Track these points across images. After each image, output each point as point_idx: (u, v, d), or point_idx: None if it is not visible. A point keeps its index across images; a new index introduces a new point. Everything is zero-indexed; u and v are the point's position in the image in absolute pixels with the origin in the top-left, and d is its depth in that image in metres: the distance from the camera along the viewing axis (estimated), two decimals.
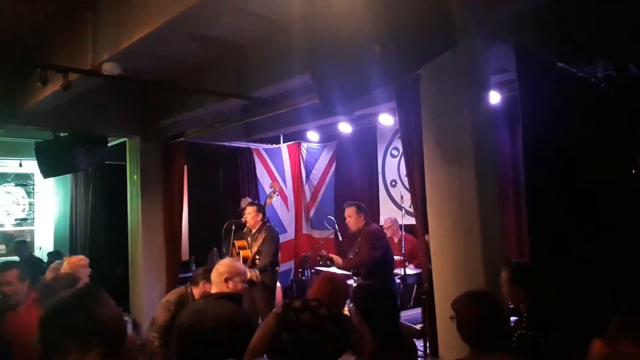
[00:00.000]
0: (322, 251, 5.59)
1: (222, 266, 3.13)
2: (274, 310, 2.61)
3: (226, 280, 3.03)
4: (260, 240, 5.60)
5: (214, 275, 3.10)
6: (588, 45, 4.05)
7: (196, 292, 4.03)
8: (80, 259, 4.24)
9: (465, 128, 3.11)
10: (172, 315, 3.84)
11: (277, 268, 5.95)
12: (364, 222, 5.19)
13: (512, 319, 2.89)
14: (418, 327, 3.87)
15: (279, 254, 6.06)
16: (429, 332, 3.63)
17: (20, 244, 7.25)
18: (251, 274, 5.16)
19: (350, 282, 5.07)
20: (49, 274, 4.32)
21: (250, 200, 6.59)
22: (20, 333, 2.86)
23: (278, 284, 6.29)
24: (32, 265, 6.70)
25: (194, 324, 2.94)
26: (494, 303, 2.22)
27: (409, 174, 4.11)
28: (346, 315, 2.62)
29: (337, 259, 5.36)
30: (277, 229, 6.42)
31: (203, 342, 2.86)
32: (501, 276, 2.77)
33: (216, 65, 5.18)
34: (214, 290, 3.09)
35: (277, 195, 7.19)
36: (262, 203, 6.24)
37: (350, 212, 5.30)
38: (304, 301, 2.55)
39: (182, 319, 3.08)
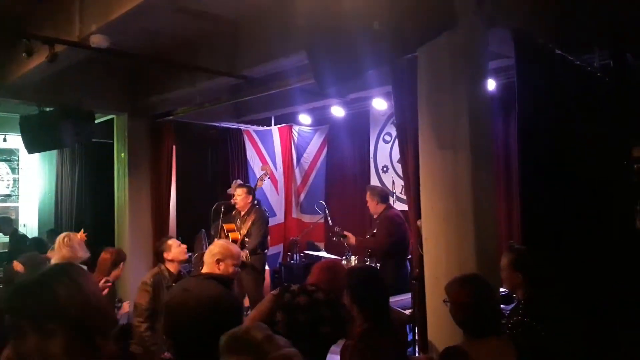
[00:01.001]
0: (336, 228, 5.55)
1: (216, 247, 3.09)
2: (271, 292, 2.57)
3: (218, 261, 2.99)
4: (249, 223, 5.56)
5: (207, 254, 3.06)
6: (585, 33, 4.02)
7: (169, 266, 4.00)
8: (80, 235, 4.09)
9: (462, 112, 3.07)
10: (151, 297, 3.80)
11: (266, 251, 5.92)
12: (383, 206, 5.16)
13: (508, 307, 2.89)
14: (407, 312, 3.86)
15: (268, 237, 6.03)
16: (419, 317, 3.63)
17: (5, 221, 7.12)
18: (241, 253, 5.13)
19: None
20: (50, 254, 4.22)
21: (240, 182, 6.52)
22: None
23: (267, 267, 6.26)
24: (16, 244, 6.60)
25: (180, 303, 2.90)
26: (486, 287, 2.21)
27: (402, 159, 4.06)
28: (343, 304, 2.62)
29: (351, 237, 5.35)
30: (267, 212, 6.37)
31: (187, 321, 2.83)
32: (502, 260, 2.76)
33: (208, 42, 5.05)
34: (205, 270, 3.04)
35: (268, 178, 7.13)
36: (252, 185, 6.17)
37: (366, 197, 5.30)
38: (301, 285, 2.56)
39: (171, 295, 3.05)
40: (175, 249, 4.06)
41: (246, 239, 5.48)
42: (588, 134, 3.73)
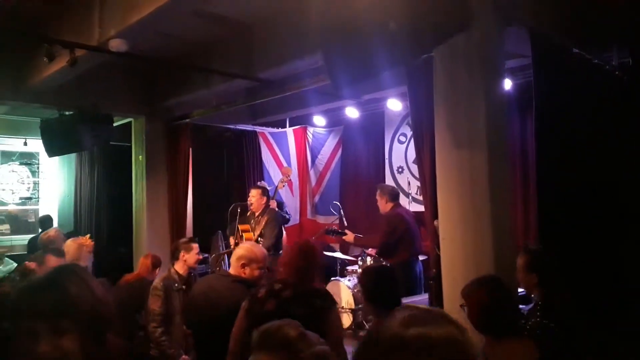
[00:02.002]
0: (333, 226, 5.59)
1: (241, 249, 3.13)
2: (242, 304, 2.58)
3: (243, 265, 3.04)
4: (263, 223, 5.60)
5: (233, 257, 3.11)
6: (603, 31, 3.97)
7: (178, 267, 4.04)
8: (87, 242, 4.15)
9: (478, 112, 3.05)
10: (163, 301, 3.83)
11: (280, 252, 5.94)
12: (391, 204, 5.20)
13: (527, 307, 2.86)
14: None
15: (284, 238, 6.05)
16: None
17: (47, 220, 7.17)
18: None
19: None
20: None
21: (264, 183, 6.57)
22: None
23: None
24: None
25: (204, 299, 3.01)
26: (503, 288, 2.19)
27: (418, 159, 4.06)
28: (317, 289, 2.60)
29: (350, 234, 5.38)
30: (289, 214, 6.38)
31: (209, 317, 2.89)
32: (517, 261, 2.74)
33: (223, 45, 5.11)
34: (231, 271, 3.09)
35: (290, 180, 7.17)
36: (273, 187, 6.22)
37: (376, 195, 5.33)
38: (268, 287, 2.54)
39: (196, 288, 3.20)
40: (194, 255, 4.12)
41: (260, 240, 5.52)
42: (606, 133, 3.69)
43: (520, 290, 3.16)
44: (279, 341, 1.20)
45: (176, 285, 3.96)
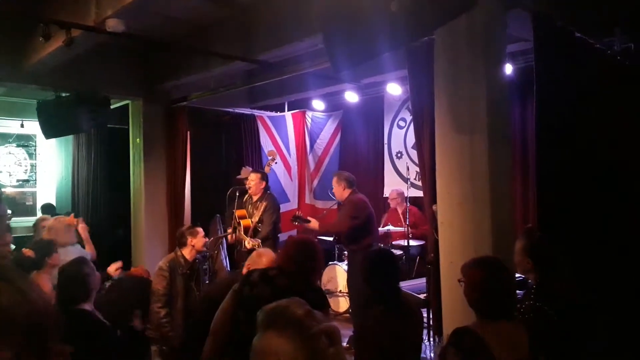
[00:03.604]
0: (298, 212, 5.54)
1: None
2: (232, 287, 2.52)
3: None
4: (261, 209, 5.57)
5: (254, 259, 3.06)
6: (606, 16, 3.93)
7: (186, 252, 4.04)
8: (72, 221, 4.18)
9: (479, 96, 3.03)
10: (168, 282, 3.84)
11: (278, 235, 5.95)
12: (349, 191, 5.14)
13: (519, 292, 2.87)
14: (422, 297, 3.87)
15: (280, 223, 6.05)
16: (433, 301, 3.63)
17: (49, 207, 7.23)
18: (253, 242, 5.16)
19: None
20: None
21: (251, 168, 6.53)
22: None
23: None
24: None
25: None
26: (502, 270, 2.20)
27: (418, 143, 4.04)
28: (315, 286, 2.61)
29: (315, 222, 5.35)
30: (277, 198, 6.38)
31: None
32: (516, 244, 2.74)
33: (222, 26, 5.04)
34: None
35: (275, 163, 7.12)
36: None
37: (333, 182, 5.28)
38: (263, 271, 2.49)
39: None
40: (201, 238, 4.15)
41: (259, 225, 5.50)
42: (607, 118, 3.67)
43: (518, 275, 3.17)
44: (287, 319, 1.20)
45: (181, 268, 3.97)
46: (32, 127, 7.19)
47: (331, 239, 6.25)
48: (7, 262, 1.43)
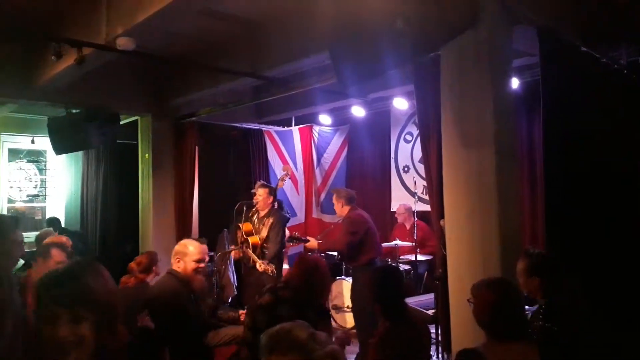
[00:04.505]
0: (295, 233, 5.48)
1: (177, 245, 3.38)
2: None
3: (178, 260, 3.24)
4: (268, 225, 5.52)
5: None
6: (612, 30, 3.93)
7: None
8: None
9: (486, 110, 3.04)
10: None
11: (284, 250, 5.92)
12: (348, 207, 5.08)
13: (528, 308, 2.84)
14: (430, 312, 3.84)
15: (287, 236, 6.02)
16: (442, 317, 3.60)
17: (54, 221, 7.28)
18: (266, 267, 5.05)
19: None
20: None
21: (263, 182, 6.54)
22: None
23: (286, 266, 6.28)
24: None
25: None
26: (513, 292, 2.17)
27: (425, 158, 4.04)
28: (319, 304, 2.67)
29: (313, 241, 5.29)
30: (288, 213, 6.35)
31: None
32: (517, 266, 2.71)
33: (231, 43, 5.11)
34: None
35: (289, 178, 7.14)
36: (273, 186, 6.19)
37: (332, 199, 5.24)
38: (274, 284, 2.72)
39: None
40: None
41: (265, 245, 5.45)
42: (614, 132, 3.66)
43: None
44: (290, 343, 1.22)
45: None
46: (43, 143, 7.27)
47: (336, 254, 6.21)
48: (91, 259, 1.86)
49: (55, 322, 1.38)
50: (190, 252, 3.18)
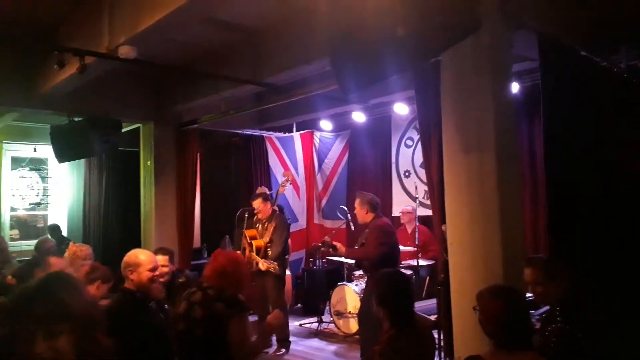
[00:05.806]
0: (327, 237, 5.43)
1: (125, 257, 3.09)
2: None
3: (130, 273, 2.98)
4: (271, 229, 5.61)
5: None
6: (612, 34, 3.95)
7: None
8: (82, 250, 4.04)
9: (487, 116, 3.05)
10: None
11: (287, 256, 5.95)
12: (372, 215, 4.88)
13: (535, 312, 2.83)
14: (432, 318, 3.83)
15: (290, 243, 6.06)
16: (444, 323, 3.60)
17: (55, 228, 7.30)
18: (268, 265, 5.14)
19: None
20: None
21: (263, 189, 6.57)
22: None
23: (288, 272, 6.29)
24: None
25: None
26: (518, 301, 2.16)
27: (426, 163, 4.06)
28: (227, 295, 2.64)
29: (341, 247, 5.20)
30: (289, 218, 6.39)
31: None
32: (526, 275, 2.68)
33: (232, 50, 5.14)
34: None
35: (290, 184, 7.16)
36: (275, 191, 6.22)
37: (355, 204, 5.08)
38: (199, 285, 2.81)
39: None
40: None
41: (268, 246, 5.53)
42: (615, 135, 3.67)
43: (528, 294, 3.13)
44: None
45: None
46: (45, 151, 7.31)
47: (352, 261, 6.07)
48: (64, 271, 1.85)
49: (31, 339, 1.36)
50: (142, 262, 3.02)
